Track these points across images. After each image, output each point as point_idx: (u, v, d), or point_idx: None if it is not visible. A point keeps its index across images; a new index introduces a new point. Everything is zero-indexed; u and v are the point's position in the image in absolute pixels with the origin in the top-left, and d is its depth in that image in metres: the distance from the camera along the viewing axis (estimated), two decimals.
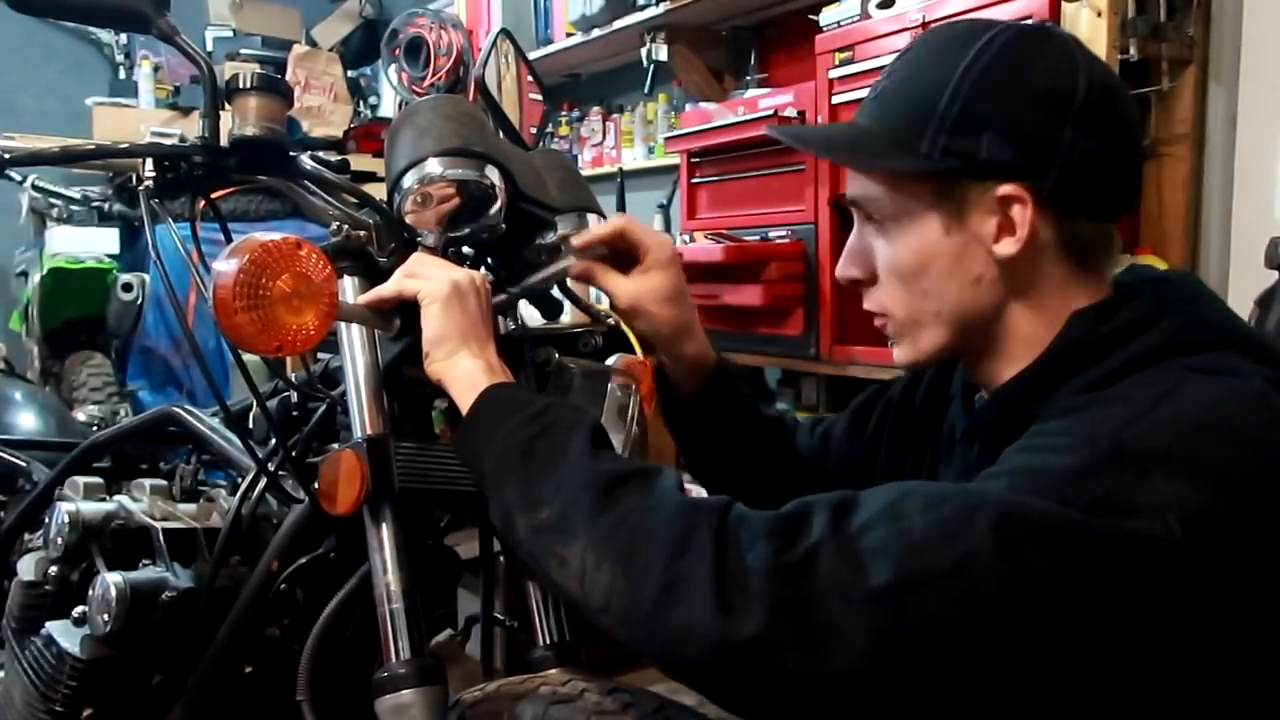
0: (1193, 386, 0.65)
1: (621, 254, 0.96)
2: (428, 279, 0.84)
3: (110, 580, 0.97)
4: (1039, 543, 0.58)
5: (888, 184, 0.78)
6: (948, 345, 0.80)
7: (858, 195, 0.80)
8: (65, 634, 1.01)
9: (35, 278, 3.48)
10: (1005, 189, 0.73)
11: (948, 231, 0.76)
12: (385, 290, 0.85)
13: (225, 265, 0.73)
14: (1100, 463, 0.61)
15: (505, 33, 1.07)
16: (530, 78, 1.10)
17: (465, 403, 0.80)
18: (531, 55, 2.92)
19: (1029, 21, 1.52)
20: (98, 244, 3.46)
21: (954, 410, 0.90)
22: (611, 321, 1.03)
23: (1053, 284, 0.76)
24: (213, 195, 0.93)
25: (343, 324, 0.88)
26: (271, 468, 0.97)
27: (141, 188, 0.87)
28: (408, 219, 0.89)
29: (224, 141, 0.88)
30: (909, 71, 0.79)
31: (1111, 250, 0.79)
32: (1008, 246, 0.74)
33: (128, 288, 3.42)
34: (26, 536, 1.27)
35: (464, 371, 0.82)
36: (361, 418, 0.86)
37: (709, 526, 0.64)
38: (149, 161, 0.88)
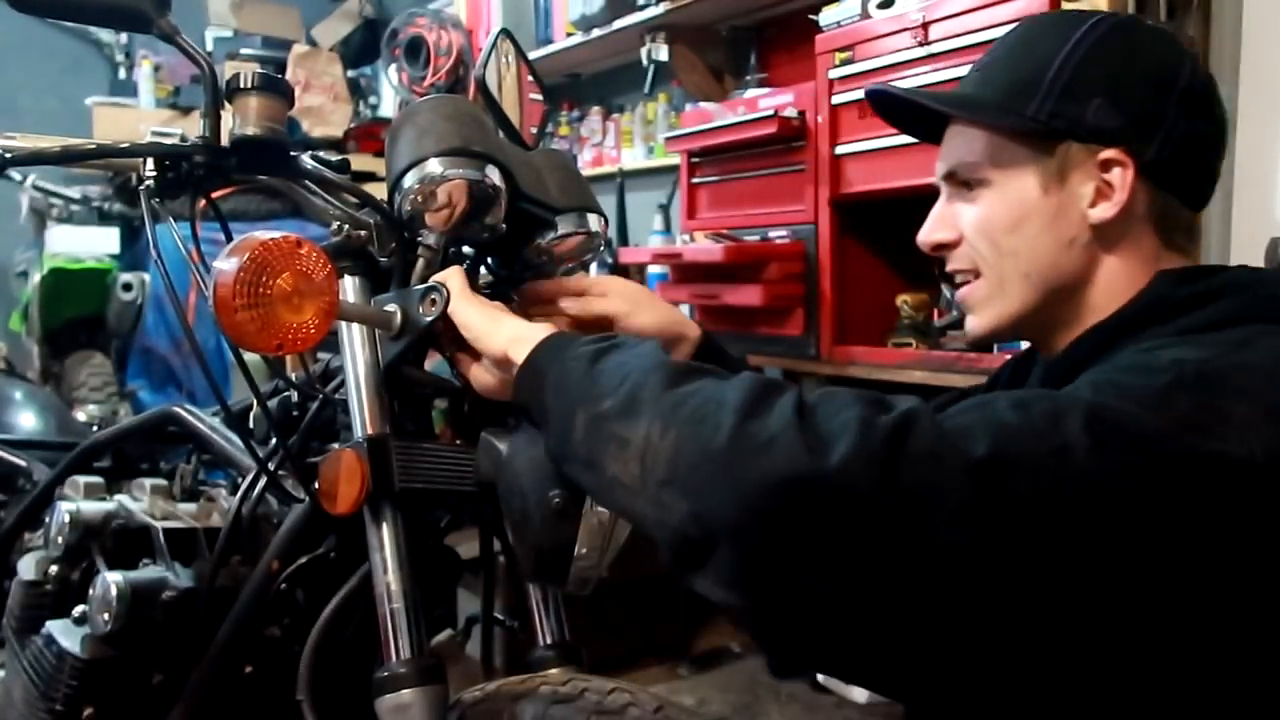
0: (1271, 342, 0.66)
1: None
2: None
3: (110, 580, 0.97)
4: (1131, 444, 0.58)
5: (989, 144, 0.81)
6: (1030, 309, 0.81)
7: (954, 162, 0.83)
8: (65, 633, 1.01)
9: (35, 278, 3.48)
10: (1109, 152, 0.77)
11: (1046, 191, 0.79)
12: None
13: (225, 264, 0.73)
14: (1187, 384, 0.61)
15: (505, 33, 1.07)
16: (530, 78, 1.10)
17: (521, 355, 0.78)
18: (531, 55, 2.91)
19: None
20: (98, 244, 3.47)
21: (1035, 372, 0.90)
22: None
23: (1141, 255, 0.79)
24: (213, 195, 0.93)
25: (343, 323, 0.88)
26: (271, 467, 0.97)
27: (142, 187, 0.87)
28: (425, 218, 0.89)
29: (224, 141, 0.87)
30: (1013, 48, 0.84)
31: (1194, 239, 0.82)
32: (1104, 210, 0.77)
33: (128, 288, 3.42)
34: (27, 536, 1.27)
35: (510, 335, 0.80)
36: (362, 417, 0.86)
37: (788, 395, 0.62)
38: (149, 161, 0.87)
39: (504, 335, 0.81)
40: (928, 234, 0.86)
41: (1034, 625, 0.57)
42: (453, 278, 0.85)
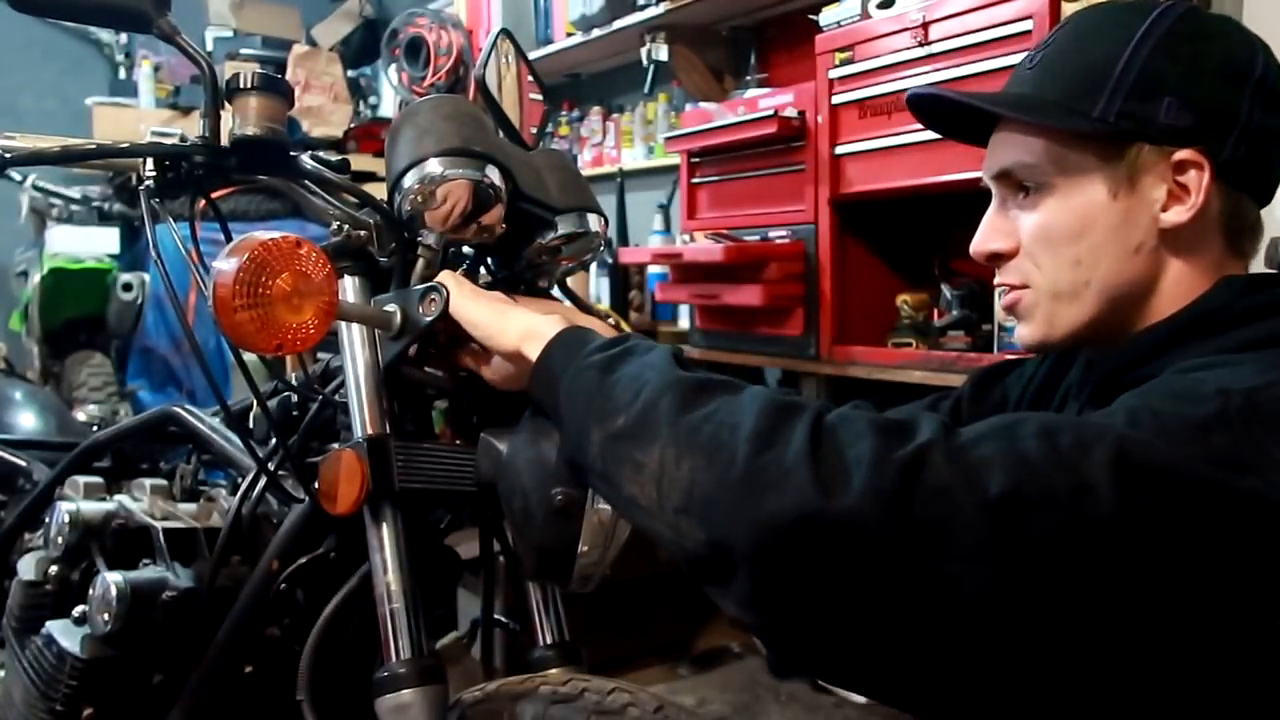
0: None
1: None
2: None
3: (110, 580, 0.97)
4: (1157, 485, 0.56)
5: (1050, 147, 0.76)
6: (1089, 321, 0.77)
7: (1010, 164, 0.78)
8: (65, 633, 1.01)
9: (35, 278, 3.48)
10: (1184, 154, 0.73)
11: (1114, 196, 0.74)
12: None
13: (225, 264, 0.73)
14: (1230, 417, 0.58)
15: (505, 33, 1.07)
16: (530, 78, 1.10)
17: (535, 352, 0.77)
18: (531, 55, 2.92)
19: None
20: (98, 244, 3.47)
21: (1074, 369, 0.87)
22: (611, 321, 1.03)
23: (1207, 260, 0.75)
24: (213, 195, 0.93)
25: (343, 323, 0.88)
26: (271, 467, 0.97)
27: (141, 187, 0.87)
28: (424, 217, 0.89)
29: (224, 141, 0.87)
30: (1073, 41, 0.78)
31: (1257, 239, 0.78)
32: (1177, 215, 0.74)
33: (128, 288, 3.42)
34: (27, 536, 1.27)
35: (522, 328, 0.79)
36: (361, 417, 0.86)
37: (804, 421, 0.60)
38: (149, 161, 0.87)
39: (514, 331, 0.80)
40: (982, 243, 0.81)
41: (1046, 662, 0.57)
42: (448, 280, 0.85)
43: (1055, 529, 0.55)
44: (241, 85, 0.86)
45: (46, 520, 1.14)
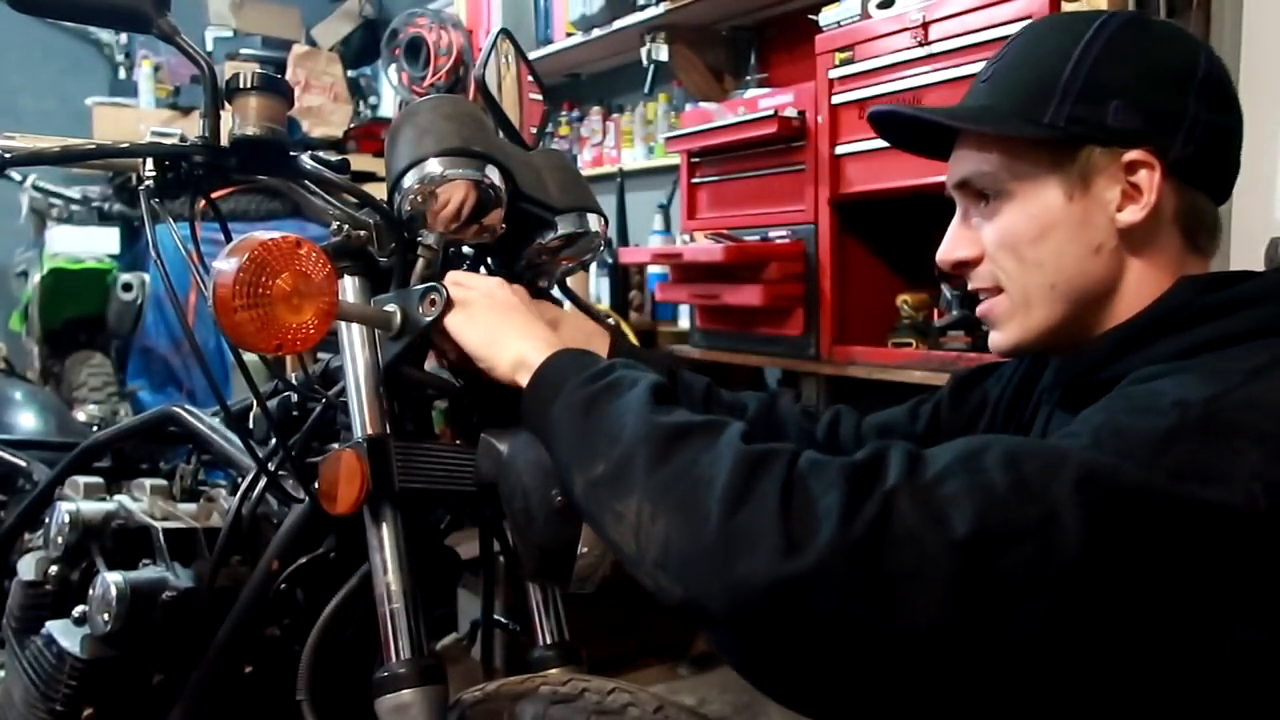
0: None
1: None
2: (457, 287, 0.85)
3: (110, 580, 0.97)
4: (1122, 507, 0.57)
5: (1005, 155, 0.78)
6: (1057, 322, 0.79)
7: (968, 173, 0.81)
8: (65, 633, 1.01)
9: (35, 278, 3.48)
10: (1134, 154, 0.75)
11: (1070, 199, 0.77)
12: None
13: (225, 264, 0.73)
14: (1189, 428, 0.59)
15: (505, 33, 1.07)
16: (530, 78, 1.10)
17: (525, 380, 0.79)
18: (531, 55, 2.91)
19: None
20: (98, 244, 3.47)
21: (1048, 372, 0.89)
22: (611, 322, 1.03)
23: (1166, 258, 0.77)
24: (213, 195, 0.93)
25: (343, 323, 0.88)
26: (271, 467, 0.97)
27: (141, 188, 0.87)
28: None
29: (224, 141, 0.87)
30: (1023, 53, 0.81)
31: (1216, 236, 0.80)
32: (1132, 214, 0.76)
33: (128, 288, 3.42)
34: (27, 536, 1.27)
35: (514, 358, 0.81)
36: (361, 417, 0.87)
37: (775, 474, 0.61)
38: (149, 161, 0.88)
39: (507, 362, 0.81)
40: (948, 252, 0.84)
41: (1028, 692, 0.58)
42: (450, 287, 0.85)
43: (1025, 562, 0.56)
44: (241, 85, 0.86)
45: (46, 520, 1.14)
